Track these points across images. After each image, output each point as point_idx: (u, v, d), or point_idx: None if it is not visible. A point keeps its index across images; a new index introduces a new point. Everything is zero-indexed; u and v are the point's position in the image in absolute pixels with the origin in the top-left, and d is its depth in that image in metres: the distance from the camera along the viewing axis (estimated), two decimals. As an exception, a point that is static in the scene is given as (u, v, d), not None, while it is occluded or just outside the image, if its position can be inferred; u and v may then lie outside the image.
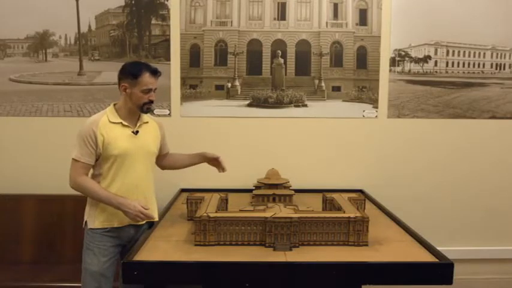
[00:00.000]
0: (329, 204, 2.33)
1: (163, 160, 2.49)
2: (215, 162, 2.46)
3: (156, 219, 2.31)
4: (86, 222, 2.23)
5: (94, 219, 2.19)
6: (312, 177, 3.11)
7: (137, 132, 2.22)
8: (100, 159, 2.17)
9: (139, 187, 2.23)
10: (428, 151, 3.22)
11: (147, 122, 2.29)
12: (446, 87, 3.24)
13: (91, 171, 2.22)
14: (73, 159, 2.14)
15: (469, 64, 3.23)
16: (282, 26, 3.15)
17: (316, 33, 3.16)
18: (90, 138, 2.13)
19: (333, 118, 3.20)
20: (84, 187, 2.14)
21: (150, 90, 2.16)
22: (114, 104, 2.25)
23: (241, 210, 2.10)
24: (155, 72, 2.19)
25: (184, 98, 3.16)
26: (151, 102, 2.19)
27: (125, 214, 2.12)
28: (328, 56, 3.17)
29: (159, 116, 3.13)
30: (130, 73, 2.15)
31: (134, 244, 2.15)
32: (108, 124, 2.17)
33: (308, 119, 3.19)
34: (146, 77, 2.15)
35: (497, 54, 3.22)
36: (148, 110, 2.23)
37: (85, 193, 2.16)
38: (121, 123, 2.19)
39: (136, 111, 2.21)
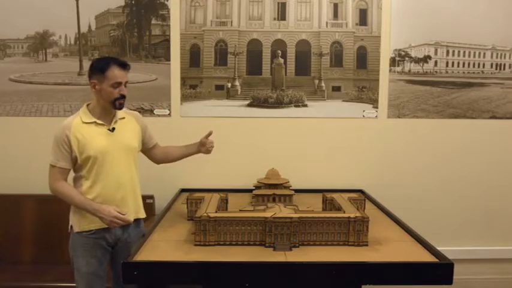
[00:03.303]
0: (329, 204, 2.33)
1: (154, 153, 2.42)
2: (205, 141, 2.38)
3: (131, 221, 2.15)
4: (71, 226, 2.20)
5: (78, 223, 2.16)
6: (312, 177, 3.11)
7: (113, 129, 2.16)
8: (78, 161, 2.11)
9: (123, 185, 2.17)
10: (428, 151, 3.22)
11: (123, 118, 2.22)
12: (446, 87, 3.24)
13: (73, 174, 2.17)
14: (50, 164, 2.12)
15: (469, 64, 3.23)
16: (282, 26, 3.15)
17: (316, 33, 3.16)
18: (64, 143, 2.08)
19: (333, 118, 3.20)
20: (61, 192, 2.11)
21: (119, 84, 2.09)
22: (88, 105, 2.19)
23: (241, 210, 2.10)
24: (123, 65, 2.11)
25: (184, 98, 3.16)
26: (123, 97, 2.11)
27: (101, 220, 2.08)
28: (328, 56, 3.17)
29: (159, 116, 3.14)
30: (97, 68, 2.10)
31: (126, 244, 2.17)
32: (81, 125, 2.11)
33: (308, 119, 3.19)
34: (114, 71, 2.08)
35: (497, 54, 3.22)
36: (122, 106, 2.14)
37: (62, 198, 2.12)
38: (95, 122, 2.13)
39: (110, 108, 2.14)
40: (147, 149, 2.39)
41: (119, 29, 3.15)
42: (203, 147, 2.40)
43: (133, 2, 3.12)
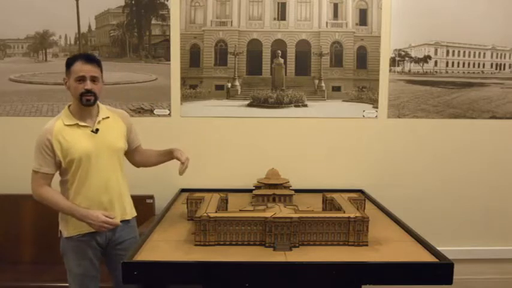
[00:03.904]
0: (329, 204, 2.33)
1: (135, 155, 2.37)
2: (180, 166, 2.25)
3: (119, 224, 2.15)
4: (60, 231, 2.18)
5: (67, 228, 2.13)
6: (312, 177, 3.11)
7: (97, 130, 2.11)
8: (63, 165, 2.07)
9: (109, 187, 2.14)
10: (428, 151, 3.22)
11: (107, 117, 2.17)
12: (446, 87, 3.24)
13: (59, 178, 2.14)
14: (32, 170, 2.07)
15: (469, 64, 3.23)
16: (282, 26, 3.15)
17: (316, 33, 3.16)
18: (46, 147, 2.04)
19: (333, 118, 3.20)
20: (45, 198, 2.07)
21: (83, 78, 2.04)
22: (69, 106, 2.15)
23: (241, 210, 2.10)
24: (88, 59, 2.06)
25: (184, 98, 3.16)
26: (88, 92, 2.04)
27: (89, 225, 2.05)
28: (328, 56, 3.17)
29: (159, 116, 3.14)
30: (66, 64, 2.10)
31: (118, 245, 2.20)
32: (63, 128, 2.07)
33: (308, 119, 3.19)
34: (78, 65, 2.04)
35: (497, 54, 3.22)
36: (89, 102, 2.06)
37: (48, 205, 2.07)
38: (77, 124, 2.09)
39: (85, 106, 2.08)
40: (130, 150, 2.33)
41: (118, 29, 3.15)
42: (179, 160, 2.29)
43: (133, 2, 3.12)
